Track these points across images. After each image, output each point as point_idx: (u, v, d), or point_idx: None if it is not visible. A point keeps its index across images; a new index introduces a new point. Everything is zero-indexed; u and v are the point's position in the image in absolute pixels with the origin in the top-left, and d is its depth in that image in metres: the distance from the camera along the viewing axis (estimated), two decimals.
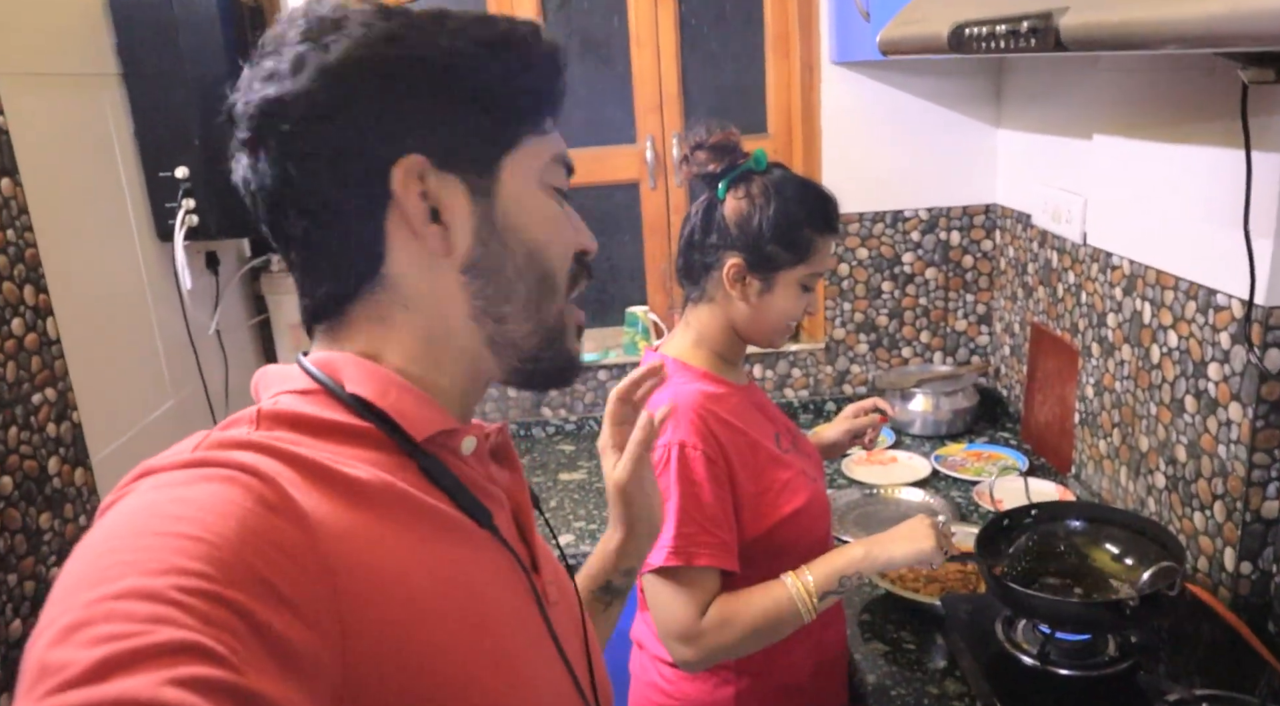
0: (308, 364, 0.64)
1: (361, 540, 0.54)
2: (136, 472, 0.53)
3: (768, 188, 1.27)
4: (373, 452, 0.61)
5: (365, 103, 0.61)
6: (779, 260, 1.27)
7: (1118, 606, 1.17)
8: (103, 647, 0.40)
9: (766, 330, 1.32)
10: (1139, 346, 1.64)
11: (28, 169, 1.45)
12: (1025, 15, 0.80)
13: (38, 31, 1.55)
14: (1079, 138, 1.83)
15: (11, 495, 1.36)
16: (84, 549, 0.47)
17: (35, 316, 1.44)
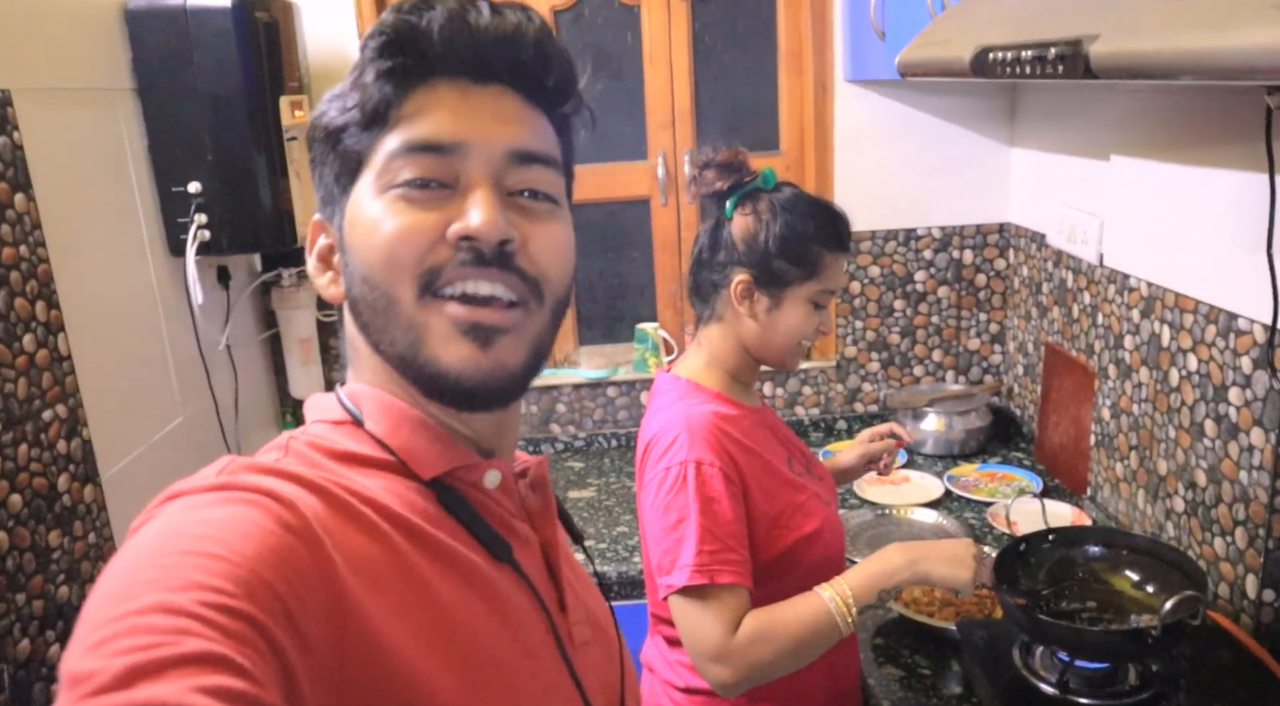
0: (342, 395, 0.66)
1: (373, 572, 0.55)
2: (165, 495, 0.54)
3: (774, 205, 1.26)
4: (396, 483, 0.61)
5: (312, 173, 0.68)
6: (787, 276, 1.26)
7: (1139, 635, 1.15)
8: (129, 657, 0.41)
9: (777, 348, 1.30)
10: (1157, 369, 1.62)
11: (41, 184, 1.45)
12: (1054, 42, 0.79)
13: (54, 46, 1.55)
14: (1095, 158, 1.82)
15: (21, 513, 1.35)
16: (112, 569, 0.48)
17: (47, 332, 1.44)
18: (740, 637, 1.14)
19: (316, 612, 0.50)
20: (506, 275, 0.61)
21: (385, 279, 0.60)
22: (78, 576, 1.47)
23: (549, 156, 0.65)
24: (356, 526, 0.56)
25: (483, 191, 0.60)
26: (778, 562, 1.22)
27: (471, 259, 0.60)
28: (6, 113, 1.39)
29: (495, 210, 0.60)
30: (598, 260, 2.49)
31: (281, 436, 0.64)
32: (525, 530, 0.68)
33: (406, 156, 0.60)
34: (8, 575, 1.32)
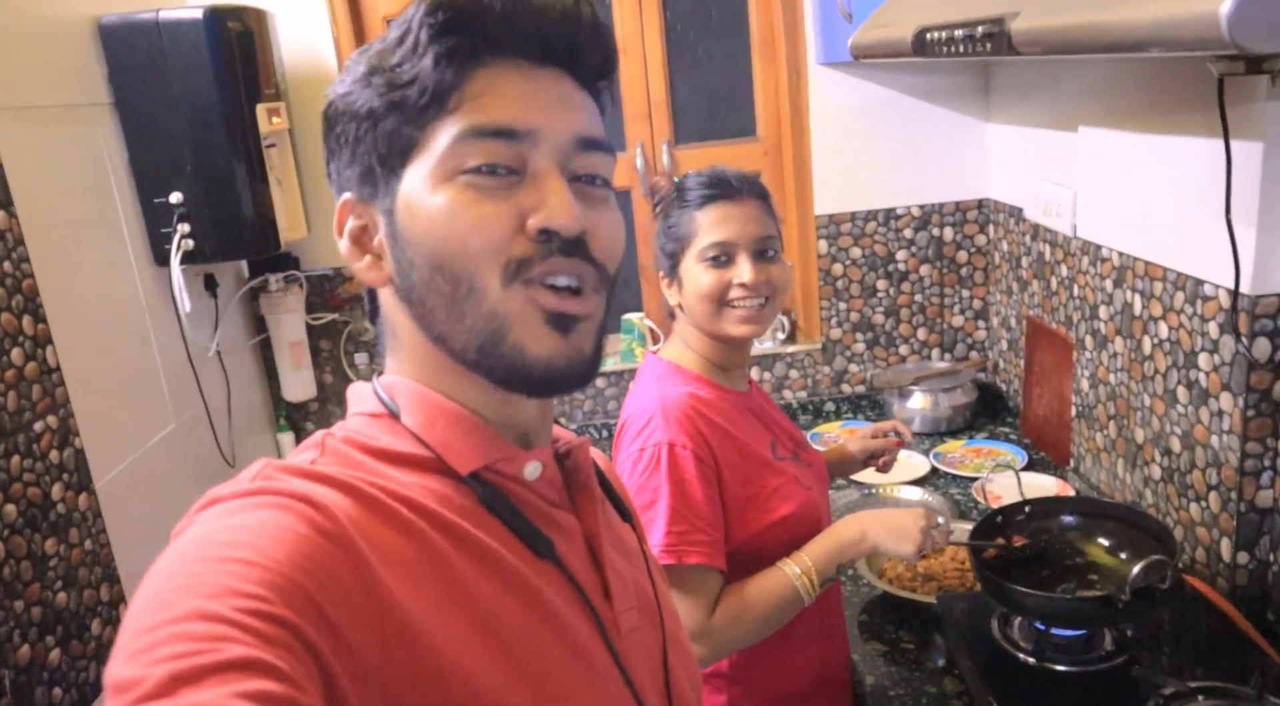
0: (378, 386, 0.66)
1: (411, 571, 0.55)
2: (203, 502, 0.54)
3: (667, 202, 1.32)
4: (433, 481, 0.61)
5: (325, 152, 0.66)
6: (673, 253, 1.30)
7: (1109, 601, 1.17)
8: (170, 665, 0.42)
9: (701, 313, 1.28)
10: (1131, 338, 1.64)
11: (23, 200, 1.47)
12: (980, 20, 0.81)
13: (29, 65, 1.57)
14: (1067, 131, 1.84)
15: (15, 522, 1.38)
16: (150, 578, 0.49)
17: (34, 345, 1.47)
18: (717, 619, 1.18)
19: (353, 614, 0.50)
20: (584, 265, 0.61)
21: (465, 268, 0.59)
22: (75, 583, 1.51)
23: (607, 142, 0.65)
24: (393, 526, 0.56)
25: (557, 181, 0.60)
26: (750, 544, 1.24)
27: (557, 249, 0.60)
28: None
29: (574, 201, 0.60)
30: None
31: (318, 434, 0.64)
32: (567, 520, 0.68)
33: (474, 142, 0.59)
34: (5, 583, 1.35)
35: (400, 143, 0.61)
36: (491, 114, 0.60)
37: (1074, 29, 0.68)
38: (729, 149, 2.42)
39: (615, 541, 0.73)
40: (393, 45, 0.61)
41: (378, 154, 0.62)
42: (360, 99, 0.62)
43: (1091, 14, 0.66)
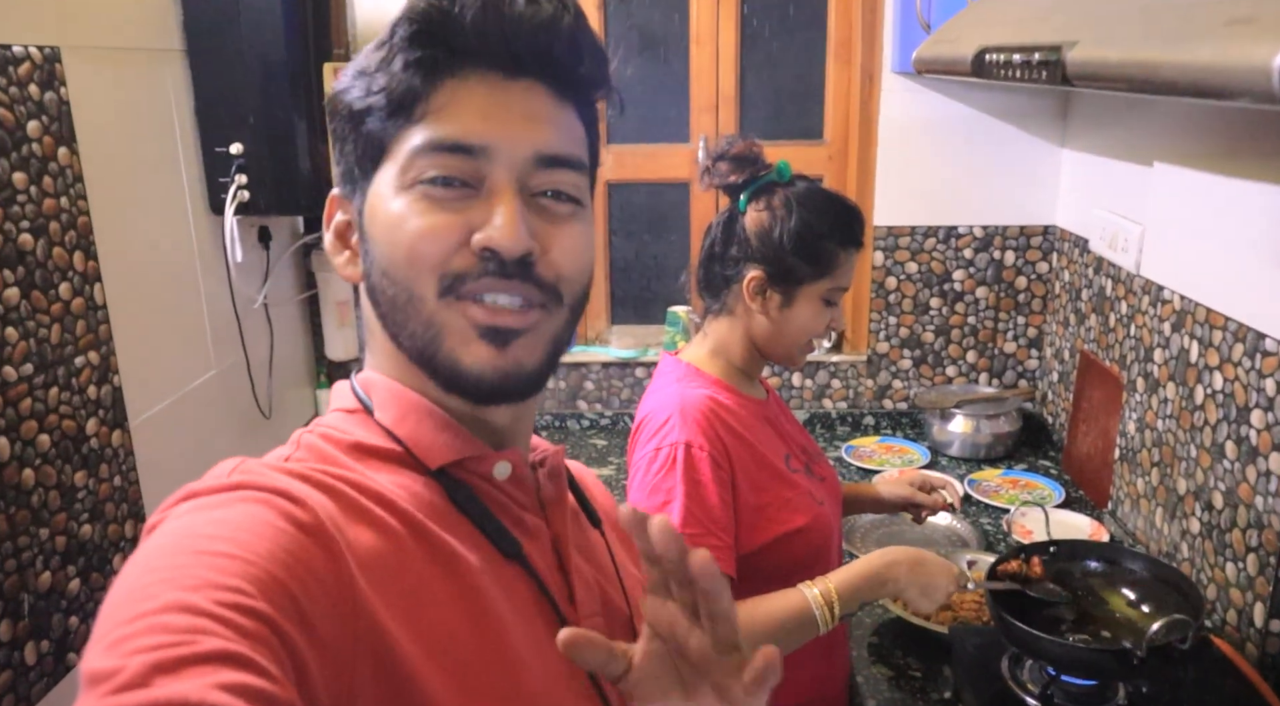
0: (355, 383, 0.68)
1: (381, 571, 0.55)
2: (179, 496, 0.54)
3: (789, 200, 1.25)
4: (404, 476, 0.62)
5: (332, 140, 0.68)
6: (800, 273, 1.25)
7: (1124, 655, 1.13)
8: (149, 655, 0.42)
9: (787, 345, 1.30)
10: (1184, 385, 1.57)
11: (86, 139, 1.50)
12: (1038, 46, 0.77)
13: (104, 6, 1.60)
14: (1142, 165, 1.77)
15: (48, 452, 1.42)
16: (127, 571, 0.49)
17: (83, 281, 1.50)
18: None
19: (329, 611, 0.50)
20: (526, 286, 0.61)
21: (407, 276, 0.60)
22: (101, 516, 1.54)
23: (574, 159, 0.64)
24: (365, 523, 0.57)
25: (506, 199, 0.60)
26: (760, 555, 1.22)
27: (494, 269, 0.60)
28: (54, 69, 1.44)
29: (519, 222, 0.60)
30: (635, 241, 2.50)
31: (295, 433, 0.64)
32: (535, 523, 0.68)
33: (431, 155, 0.60)
34: (32, 510, 1.38)
35: (373, 147, 0.63)
36: (448, 128, 0.60)
37: (1128, 66, 0.64)
38: (794, 150, 2.38)
39: (585, 550, 0.73)
40: (375, 46, 0.63)
41: (356, 154, 0.64)
42: (348, 97, 0.64)
43: (1148, 52, 0.63)
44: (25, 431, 1.37)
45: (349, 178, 0.65)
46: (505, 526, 0.64)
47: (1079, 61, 0.72)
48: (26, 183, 1.38)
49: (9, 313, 1.34)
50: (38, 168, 1.40)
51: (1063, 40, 0.74)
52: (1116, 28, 0.70)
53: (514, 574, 0.64)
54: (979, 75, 0.98)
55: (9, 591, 1.33)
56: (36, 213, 1.39)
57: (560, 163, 0.63)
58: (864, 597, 1.20)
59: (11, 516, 1.34)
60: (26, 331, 1.37)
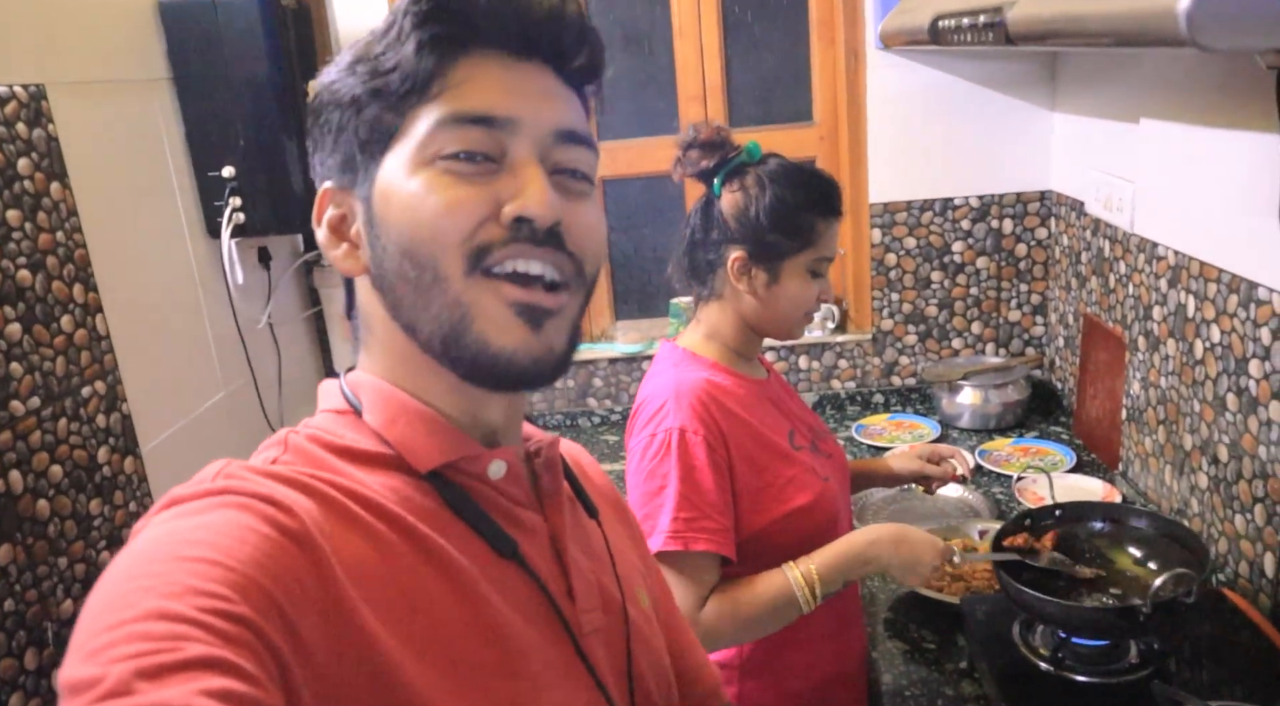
0: (344, 383, 0.66)
1: (369, 576, 0.55)
2: (163, 502, 0.54)
3: (762, 177, 1.26)
4: (395, 479, 0.61)
5: (310, 141, 0.66)
6: (781, 248, 1.26)
7: (1130, 612, 1.13)
8: (131, 663, 0.41)
9: (780, 320, 1.30)
10: (1183, 341, 1.56)
11: (78, 173, 1.53)
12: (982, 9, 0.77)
13: (88, 41, 1.63)
14: (1129, 122, 1.75)
15: (61, 483, 1.45)
16: (107, 578, 0.48)
17: (85, 313, 1.53)
18: (706, 614, 1.17)
19: (313, 616, 0.50)
20: (558, 255, 0.60)
21: (431, 253, 0.58)
22: (118, 542, 1.57)
23: (589, 137, 0.65)
24: (353, 529, 0.56)
25: (535, 170, 0.60)
26: (765, 534, 1.22)
27: (526, 235, 0.59)
28: (41, 106, 1.47)
29: (550, 191, 0.59)
30: (633, 235, 2.51)
31: (282, 431, 0.63)
32: (531, 519, 0.67)
33: (454, 128, 0.59)
34: (50, 541, 1.41)
35: (381, 129, 0.61)
36: (472, 101, 0.59)
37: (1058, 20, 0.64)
38: (785, 133, 2.38)
39: (581, 541, 0.72)
40: (379, 34, 0.62)
41: (359, 141, 0.62)
42: (344, 87, 0.62)
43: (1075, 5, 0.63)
44: (37, 463, 1.40)
45: (348, 167, 0.63)
46: (500, 526, 0.63)
47: (1018, 19, 0.72)
48: (21, 220, 1.41)
49: (12, 348, 1.37)
50: (31, 204, 1.43)
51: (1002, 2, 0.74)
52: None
53: (511, 573, 0.63)
54: (936, 42, 0.99)
55: (32, 620, 1.36)
56: (33, 248, 1.42)
57: (579, 139, 0.63)
58: (848, 576, 1.20)
59: (30, 547, 1.37)
60: (31, 365, 1.40)
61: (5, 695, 1.31)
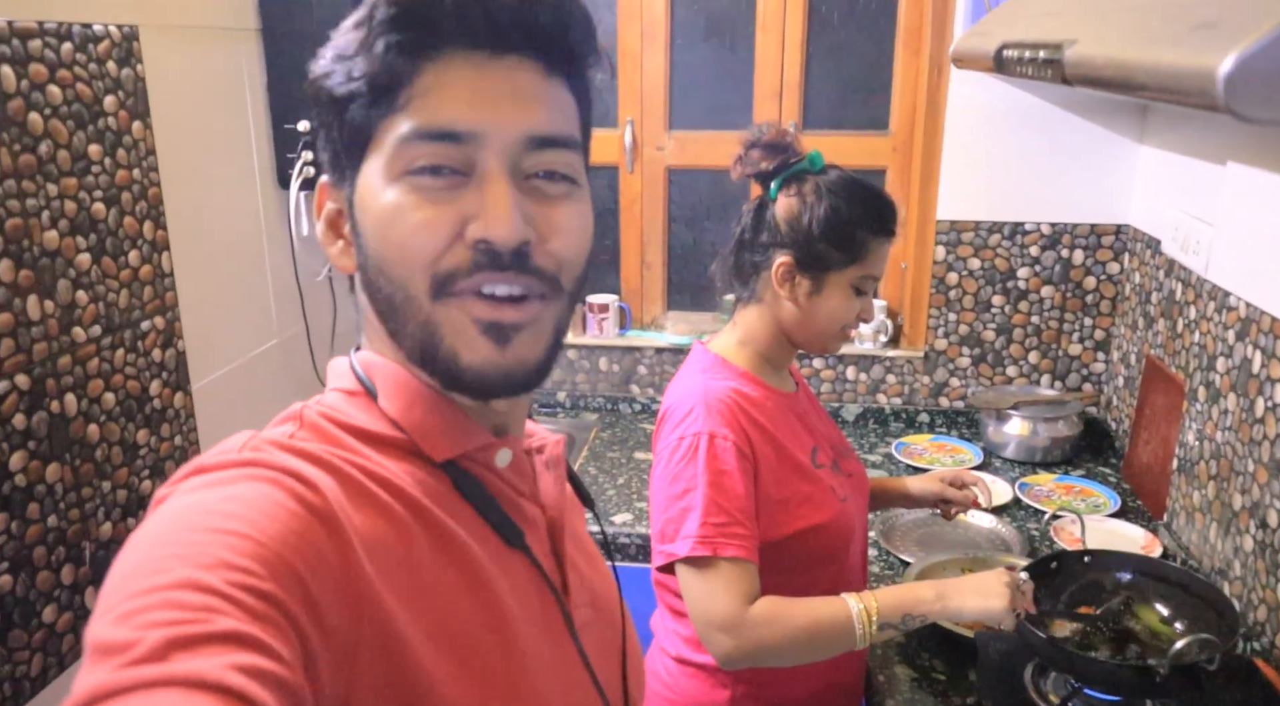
0: (355, 364, 0.65)
1: (387, 556, 0.55)
2: (188, 470, 0.54)
3: (820, 187, 1.24)
4: (408, 464, 0.61)
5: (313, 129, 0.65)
6: (829, 260, 1.24)
7: (1147, 671, 1.10)
8: (164, 631, 0.42)
9: (816, 333, 1.29)
10: (1244, 397, 1.51)
11: (160, 114, 1.58)
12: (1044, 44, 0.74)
13: None
14: (1216, 163, 1.69)
15: (113, 410, 1.50)
16: (136, 541, 0.48)
17: (152, 250, 1.58)
18: (753, 613, 1.13)
19: (335, 596, 0.50)
20: (523, 277, 0.59)
21: (401, 275, 0.59)
22: (161, 473, 1.62)
23: (567, 138, 0.62)
24: (371, 508, 0.56)
25: (499, 187, 0.58)
26: (778, 548, 1.21)
27: (488, 261, 0.58)
28: (132, 47, 1.51)
29: (512, 211, 0.58)
30: (694, 227, 2.50)
31: (295, 406, 0.63)
32: (533, 511, 0.68)
33: (418, 143, 0.58)
34: (96, 464, 1.47)
35: (358, 135, 0.60)
36: (435, 115, 0.58)
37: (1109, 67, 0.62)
38: (858, 140, 2.35)
39: (576, 540, 0.73)
40: (351, 28, 0.59)
41: (342, 142, 0.61)
42: (330, 83, 0.60)
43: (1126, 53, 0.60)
44: (92, 389, 1.45)
45: (336, 165, 0.62)
46: (509, 516, 0.64)
47: (1074, 61, 0.69)
48: (101, 154, 1.45)
49: (80, 277, 1.42)
50: (112, 141, 1.47)
51: (1064, 39, 0.71)
52: (1112, 27, 0.67)
53: (516, 561, 0.64)
54: (1000, 71, 0.96)
55: (72, 538, 1.42)
56: (110, 183, 1.47)
57: (552, 143, 0.60)
58: (908, 612, 1.15)
59: (76, 469, 1.43)
60: (96, 295, 1.45)
61: (41, 606, 1.36)
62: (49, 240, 1.35)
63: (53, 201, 1.36)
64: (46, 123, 1.34)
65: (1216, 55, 0.50)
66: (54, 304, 1.37)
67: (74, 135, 1.40)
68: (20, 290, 1.31)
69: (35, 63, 1.32)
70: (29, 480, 1.33)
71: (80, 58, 1.40)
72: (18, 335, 1.30)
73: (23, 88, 1.30)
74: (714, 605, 1.14)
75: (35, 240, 1.33)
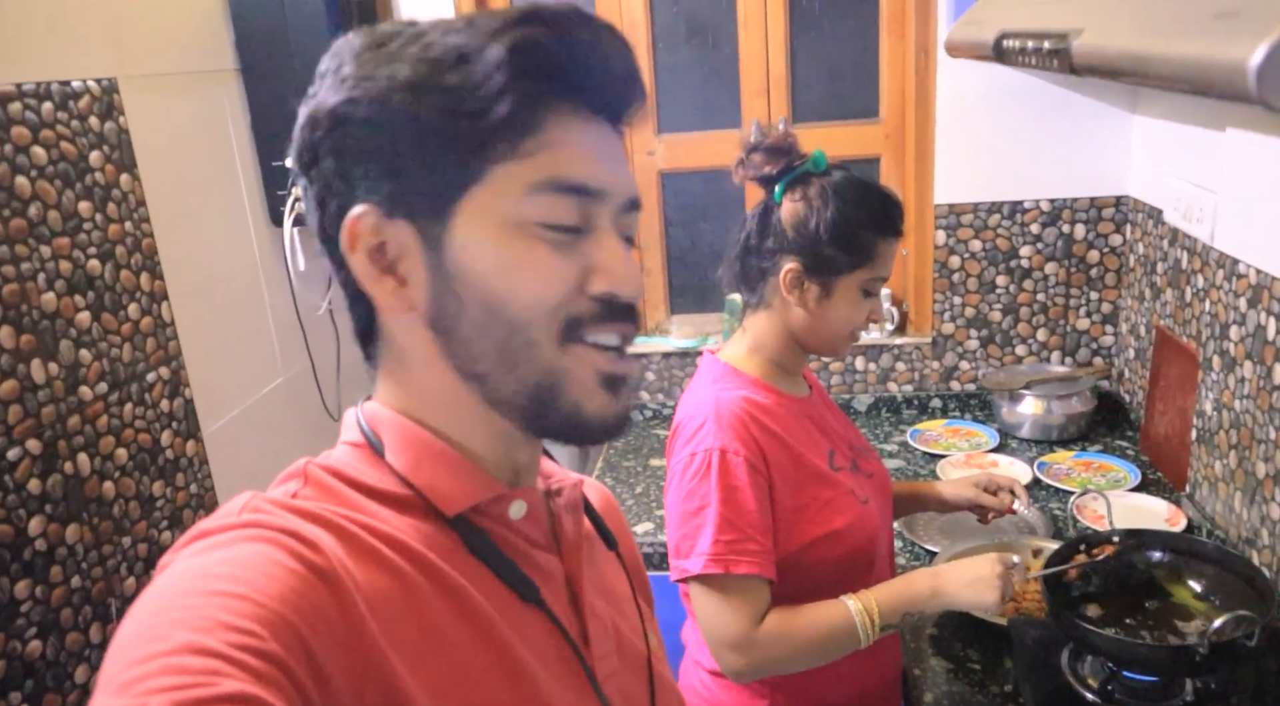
0: (360, 417, 0.64)
1: (393, 614, 0.55)
2: (190, 535, 0.54)
3: (825, 190, 1.23)
4: (417, 521, 0.60)
5: (328, 149, 0.59)
6: (838, 264, 1.23)
7: (1186, 651, 1.09)
8: (166, 696, 0.42)
9: (828, 337, 1.29)
10: (1261, 364, 1.49)
11: (147, 163, 1.57)
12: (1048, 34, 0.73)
13: (159, 35, 1.66)
14: (1214, 130, 1.68)
15: (126, 465, 1.50)
16: (138, 610, 0.48)
17: (151, 301, 1.57)
18: (763, 631, 1.15)
19: (337, 654, 0.50)
20: (631, 327, 0.62)
21: (525, 320, 0.58)
22: (180, 523, 1.62)
23: None
24: (377, 567, 0.56)
25: (617, 243, 0.61)
26: (801, 555, 1.20)
27: (608, 313, 0.60)
28: (113, 100, 1.51)
29: (636, 267, 0.61)
30: (690, 230, 2.49)
31: (299, 462, 0.62)
32: (548, 561, 0.67)
33: (551, 195, 0.58)
34: (114, 521, 1.46)
35: (458, 175, 0.58)
36: (570, 168, 0.59)
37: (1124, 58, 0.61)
38: (849, 130, 2.33)
39: (598, 583, 0.71)
40: (450, 64, 0.56)
41: (425, 176, 0.58)
42: (404, 111, 0.56)
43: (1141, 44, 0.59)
44: (104, 446, 1.45)
45: (404, 198, 0.58)
46: (523, 570, 0.63)
47: (1083, 51, 0.68)
48: (91, 211, 1.45)
49: (81, 335, 1.41)
50: (101, 196, 1.47)
51: (1070, 28, 0.70)
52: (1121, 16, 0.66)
53: (531, 616, 0.63)
54: (1000, 60, 0.95)
55: (96, 596, 1.42)
56: (102, 239, 1.46)
57: (638, 206, 0.64)
58: (907, 609, 1.18)
59: (95, 527, 1.42)
60: (99, 352, 1.45)
61: (73, 667, 1.36)
62: (47, 302, 1.35)
63: (47, 263, 1.35)
64: (34, 184, 1.34)
65: (1245, 46, 0.49)
66: (58, 366, 1.36)
67: (63, 194, 1.39)
68: (23, 355, 1.30)
69: (17, 125, 1.31)
70: (49, 543, 1.33)
71: (62, 116, 1.40)
72: (24, 400, 1.30)
73: (6, 152, 1.29)
74: (725, 623, 1.15)
75: (33, 303, 1.32)
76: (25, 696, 1.27)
